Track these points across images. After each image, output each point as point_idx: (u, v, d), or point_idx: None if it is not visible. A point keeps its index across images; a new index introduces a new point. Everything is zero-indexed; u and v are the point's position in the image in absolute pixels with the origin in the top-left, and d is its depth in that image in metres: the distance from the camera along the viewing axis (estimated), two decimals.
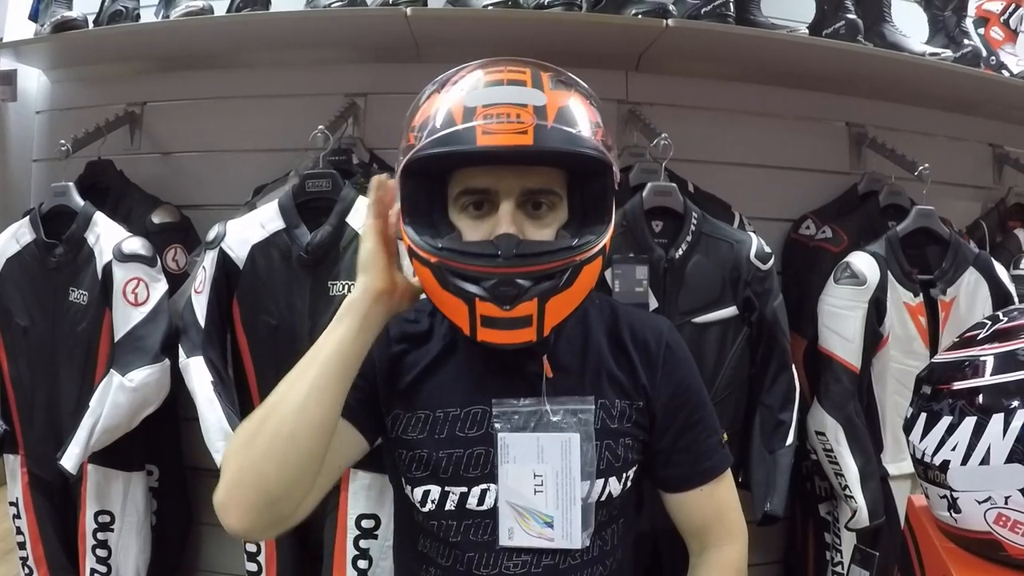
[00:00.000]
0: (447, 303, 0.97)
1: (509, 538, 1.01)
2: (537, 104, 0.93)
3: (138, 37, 2.01)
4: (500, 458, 1.02)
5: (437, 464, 1.04)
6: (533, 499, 1.02)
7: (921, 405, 0.97)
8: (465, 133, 0.91)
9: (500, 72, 0.99)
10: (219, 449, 1.58)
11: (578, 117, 0.96)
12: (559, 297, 0.94)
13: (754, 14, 1.92)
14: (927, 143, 2.23)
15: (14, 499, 1.89)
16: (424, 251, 0.96)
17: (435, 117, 0.95)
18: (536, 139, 0.91)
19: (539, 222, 0.97)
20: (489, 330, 0.95)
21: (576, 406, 1.03)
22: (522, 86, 0.96)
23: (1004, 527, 0.88)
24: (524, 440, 1.02)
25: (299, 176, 1.70)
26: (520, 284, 0.92)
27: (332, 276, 1.62)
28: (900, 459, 1.79)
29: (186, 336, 1.65)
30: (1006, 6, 2.30)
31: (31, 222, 1.81)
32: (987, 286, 1.82)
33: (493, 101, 0.93)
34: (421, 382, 1.08)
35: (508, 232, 0.93)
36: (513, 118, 0.91)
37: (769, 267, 1.68)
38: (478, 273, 0.93)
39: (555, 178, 0.98)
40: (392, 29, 1.84)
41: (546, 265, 0.93)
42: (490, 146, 0.91)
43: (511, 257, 0.92)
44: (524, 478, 1.01)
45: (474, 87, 0.96)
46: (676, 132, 1.77)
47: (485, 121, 0.91)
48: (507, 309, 0.92)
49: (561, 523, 1.02)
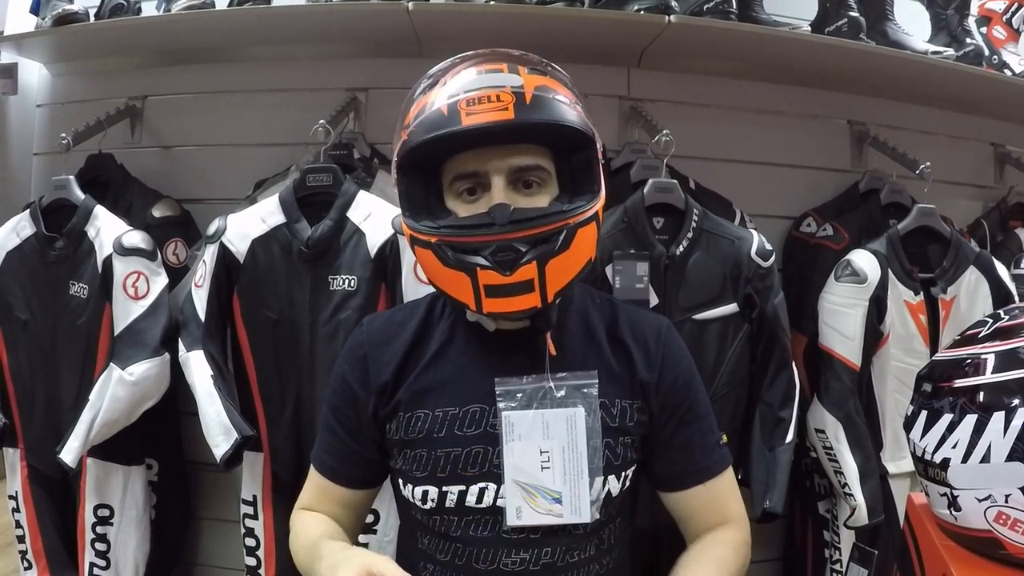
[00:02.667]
0: (450, 280, 0.99)
1: (517, 517, 1.01)
2: (515, 84, 0.98)
3: (139, 31, 2.00)
4: (505, 437, 1.02)
5: (435, 463, 1.04)
6: (540, 476, 1.02)
7: (922, 403, 0.97)
8: (450, 117, 0.96)
9: (476, 62, 1.04)
10: (218, 443, 1.58)
11: (555, 94, 1.00)
12: (558, 260, 0.97)
13: (756, 11, 1.92)
14: (929, 141, 2.23)
15: (13, 492, 1.89)
16: (424, 234, 0.99)
17: (421, 111, 1.00)
18: (517, 113, 0.95)
19: (531, 198, 1.00)
20: (494, 299, 0.97)
21: (579, 381, 1.04)
22: (499, 73, 1.01)
23: (1004, 525, 0.87)
24: (529, 417, 1.02)
25: (300, 170, 1.70)
26: (518, 248, 0.95)
27: (333, 271, 1.62)
28: (900, 457, 1.80)
29: (186, 330, 1.65)
30: (1009, 5, 2.30)
31: (31, 215, 1.81)
32: (988, 285, 1.82)
33: (473, 87, 0.98)
34: (420, 382, 1.08)
35: (502, 202, 0.97)
36: (494, 99, 0.96)
37: (770, 264, 1.67)
38: (477, 244, 0.96)
39: (541, 154, 1.02)
40: (394, 23, 1.83)
41: (541, 228, 0.96)
42: (473, 124, 0.94)
43: (506, 224, 0.95)
44: (530, 455, 1.02)
45: (454, 78, 1.02)
46: (678, 129, 1.76)
47: (468, 106, 0.95)
48: (508, 275, 0.95)
49: (569, 498, 1.02)
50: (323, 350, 1.61)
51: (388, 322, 1.15)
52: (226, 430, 1.57)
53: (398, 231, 1.59)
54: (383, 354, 1.10)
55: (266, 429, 1.69)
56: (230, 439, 1.57)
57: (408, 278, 1.57)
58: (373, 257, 1.60)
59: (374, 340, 1.12)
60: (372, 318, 1.19)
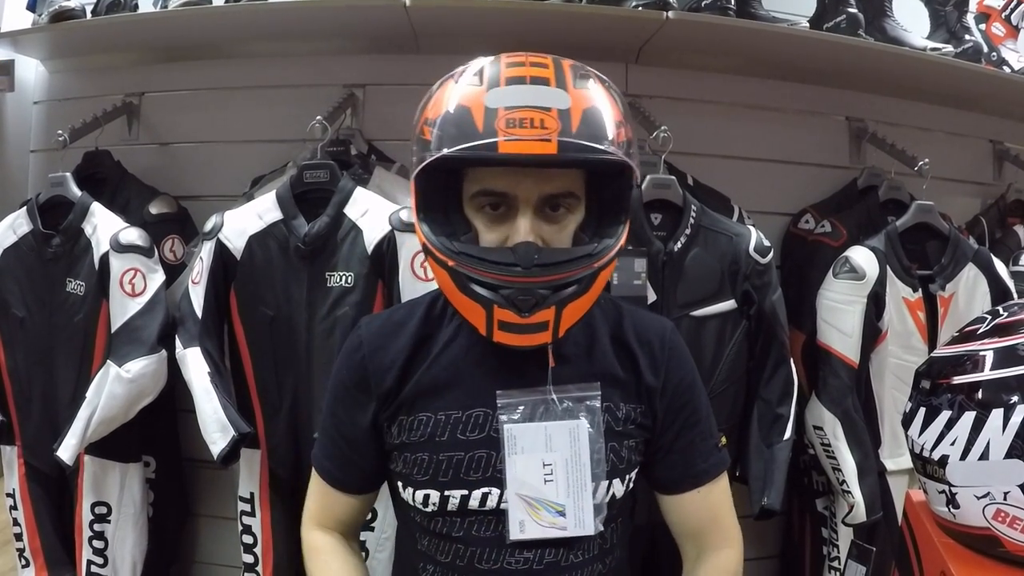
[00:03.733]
0: (464, 305, 0.97)
1: (520, 531, 1.00)
2: (561, 107, 0.90)
3: (136, 27, 2.00)
4: (508, 450, 1.00)
5: (437, 467, 1.02)
6: (543, 489, 1.01)
7: (920, 400, 0.97)
8: (485, 135, 0.89)
9: (522, 67, 0.95)
10: (215, 440, 1.58)
11: (603, 119, 0.93)
12: (577, 302, 0.95)
13: (755, 7, 1.91)
14: (927, 138, 2.23)
15: (11, 490, 1.89)
16: (442, 254, 0.95)
17: (453, 114, 0.92)
18: (561, 148, 0.88)
19: (557, 225, 0.96)
20: (506, 334, 0.95)
21: (582, 392, 1.02)
22: (545, 85, 0.92)
23: (1002, 523, 0.87)
24: (531, 430, 1.01)
25: (297, 167, 1.69)
26: (540, 293, 0.92)
27: (329, 267, 1.62)
28: (898, 454, 1.80)
29: (183, 327, 1.65)
30: (1007, 2, 2.29)
31: (28, 212, 1.80)
32: (986, 282, 1.82)
33: (516, 104, 0.90)
34: (422, 385, 1.05)
35: (527, 240, 0.92)
36: (537, 124, 0.88)
37: (768, 261, 1.67)
38: (497, 281, 0.92)
39: (575, 180, 0.97)
40: (391, 20, 1.83)
41: (565, 275, 0.92)
42: (512, 154, 0.89)
43: (530, 267, 0.91)
44: (533, 469, 1.00)
45: (494, 83, 0.93)
46: (676, 125, 1.76)
47: (508, 127, 0.88)
48: (525, 316, 0.92)
49: (573, 510, 1.01)
50: (320, 347, 1.61)
51: (386, 323, 1.11)
52: (223, 427, 1.57)
53: (396, 228, 1.60)
54: (384, 357, 1.07)
55: (263, 426, 1.69)
56: (227, 436, 1.57)
57: (405, 274, 1.57)
58: (370, 253, 1.60)
59: (373, 343, 1.08)
60: (370, 319, 1.15)
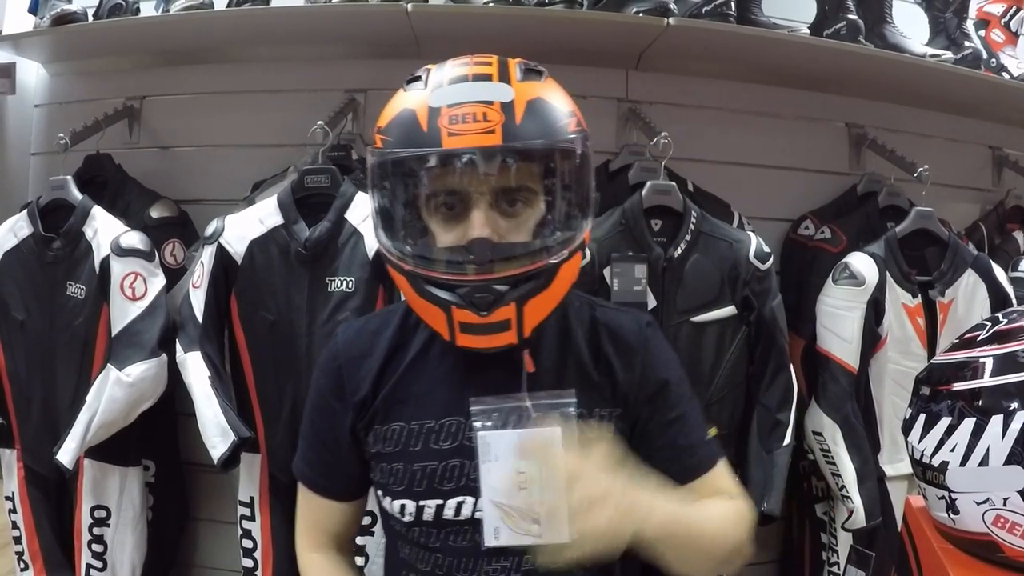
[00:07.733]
0: (425, 310, 0.96)
1: (495, 538, 0.98)
2: (504, 100, 0.90)
3: (137, 31, 2.00)
4: (482, 458, 0.98)
5: (412, 477, 1.02)
6: (518, 496, 1.00)
7: (920, 406, 0.97)
8: (430, 134, 0.89)
9: (466, 67, 0.95)
10: (215, 445, 1.58)
11: (550, 108, 0.93)
12: (538, 298, 0.93)
13: (755, 14, 1.92)
14: (927, 144, 2.23)
15: (10, 494, 1.89)
16: (397, 258, 0.95)
17: (398, 118, 0.93)
18: (505, 136, 0.88)
19: (514, 220, 0.94)
20: (468, 336, 0.94)
21: (557, 400, 0.99)
22: (488, 80, 0.92)
23: (1002, 529, 0.87)
24: (506, 438, 0.98)
25: (298, 172, 1.70)
26: (497, 289, 0.90)
27: (330, 272, 1.62)
28: (897, 460, 1.80)
29: (183, 331, 1.65)
30: (1007, 8, 2.30)
31: (29, 216, 1.80)
32: (985, 288, 1.82)
33: (457, 100, 0.90)
34: (396, 394, 1.05)
35: (481, 236, 0.90)
36: (480, 118, 0.88)
37: (768, 267, 1.68)
38: (453, 281, 0.91)
39: (529, 172, 0.94)
40: (392, 25, 1.83)
41: (521, 269, 0.91)
42: (455, 148, 0.88)
43: (485, 263, 0.90)
44: (508, 476, 0.98)
45: (437, 84, 0.93)
46: (676, 131, 1.77)
47: (451, 123, 0.88)
48: (484, 315, 0.91)
49: (547, 518, 1.01)
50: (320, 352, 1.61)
51: (361, 332, 1.10)
52: (223, 431, 1.57)
53: None
54: (359, 367, 1.06)
55: (263, 430, 1.69)
56: (227, 440, 1.57)
57: None
58: (371, 258, 1.60)
59: (348, 352, 1.08)
60: (345, 328, 1.14)
